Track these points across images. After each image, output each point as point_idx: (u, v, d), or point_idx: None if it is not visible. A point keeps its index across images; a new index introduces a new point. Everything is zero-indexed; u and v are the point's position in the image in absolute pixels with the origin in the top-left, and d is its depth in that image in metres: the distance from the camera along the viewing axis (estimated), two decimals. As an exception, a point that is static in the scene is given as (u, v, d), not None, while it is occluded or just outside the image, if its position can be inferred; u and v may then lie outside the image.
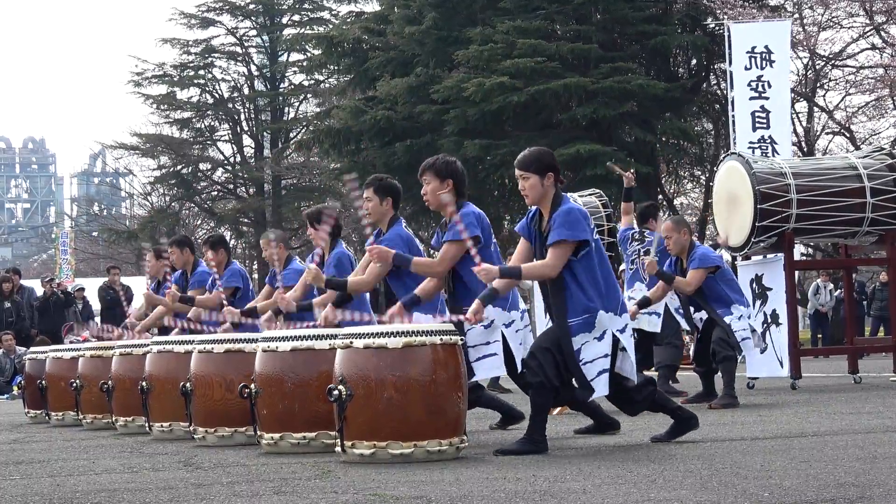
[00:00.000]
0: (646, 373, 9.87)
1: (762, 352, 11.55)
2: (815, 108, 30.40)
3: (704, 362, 10.37)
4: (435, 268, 7.51)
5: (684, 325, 11.50)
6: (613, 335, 6.72)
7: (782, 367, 12.32)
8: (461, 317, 6.94)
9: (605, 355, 6.70)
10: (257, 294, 11.10)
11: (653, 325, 11.71)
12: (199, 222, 47.29)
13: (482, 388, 8.38)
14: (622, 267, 13.33)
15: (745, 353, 10.30)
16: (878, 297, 24.71)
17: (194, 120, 43.02)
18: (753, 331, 10.36)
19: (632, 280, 12.25)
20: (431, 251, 7.75)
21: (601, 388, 6.72)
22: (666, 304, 11.52)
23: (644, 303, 10.78)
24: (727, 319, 10.05)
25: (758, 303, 12.85)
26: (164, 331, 11.53)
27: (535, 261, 6.86)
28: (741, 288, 10.85)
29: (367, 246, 7.68)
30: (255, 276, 38.25)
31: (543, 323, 13.68)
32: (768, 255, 13.02)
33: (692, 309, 10.46)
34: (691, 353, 10.76)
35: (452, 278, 7.54)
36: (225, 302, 9.99)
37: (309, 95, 43.14)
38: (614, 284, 6.83)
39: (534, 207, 6.93)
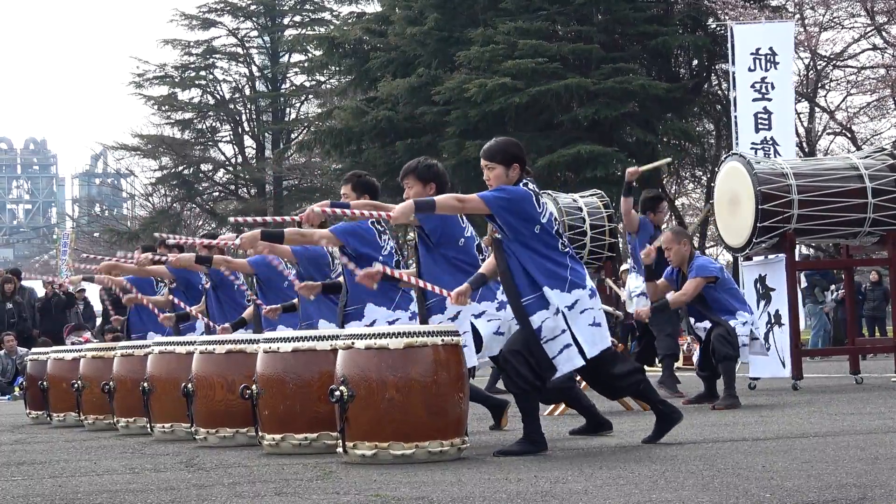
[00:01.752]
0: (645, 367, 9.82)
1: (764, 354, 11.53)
2: (817, 109, 30.40)
3: (708, 367, 10.36)
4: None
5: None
6: (563, 312, 6.65)
7: (784, 367, 12.31)
8: (446, 292, 6.85)
9: (563, 331, 6.64)
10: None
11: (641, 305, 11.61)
12: (200, 223, 47.26)
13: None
14: (623, 267, 13.31)
15: (742, 358, 10.28)
16: (870, 296, 24.69)
17: (195, 121, 43.02)
18: (755, 338, 10.35)
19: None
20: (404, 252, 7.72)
21: (564, 364, 6.66)
22: None
23: (662, 306, 10.55)
24: (731, 323, 10.05)
25: (762, 303, 12.84)
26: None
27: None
28: (743, 296, 10.83)
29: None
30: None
31: None
32: (769, 256, 13.01)
33: (693, 320, 10.42)
34: (694, 356, 10.71)
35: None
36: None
37: (310, 96, 43.13)
38: (562, 263, 6.70)
39: None
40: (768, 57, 19.30)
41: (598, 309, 6.82)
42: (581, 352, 6.70)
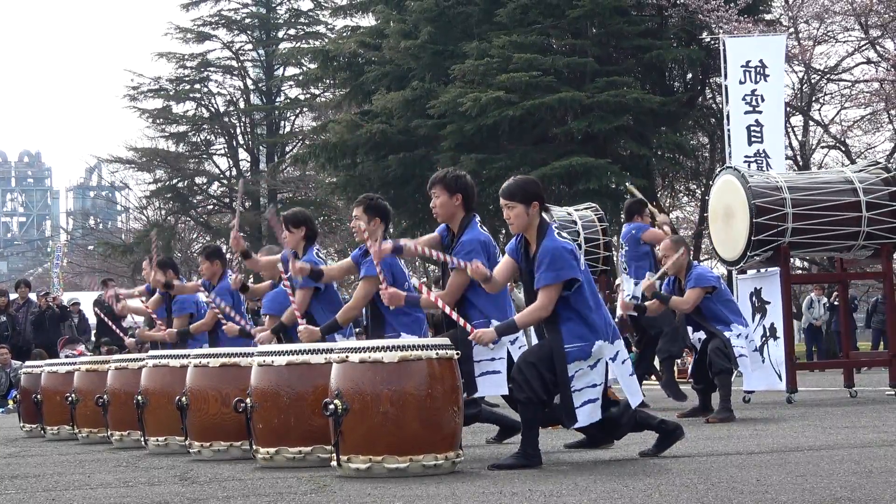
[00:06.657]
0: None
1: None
2: (811, 122, 30.45)
3: (702, 379, 10.38)
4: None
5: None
6: (606, 364, 6.75)
7: (781, 380, 12.32)
8: (471, 329, 6.87)
9: (594, 385, 6.70)
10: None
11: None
12: (194, 236, 47.23)
13: (479, 404, 8.34)
14: (617, 281, 13.36)
15: (740, 368, 10.32)
16: (880, 310, 24.72)
17: (190, 134, 42.99)
18: (755, 350, 10.39)
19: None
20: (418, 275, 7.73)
21: (584, 417, 6.71)
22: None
23: (640, 310, 10.73)
24: (726, 335, 10.08)
25: (757, 316, 12.85)
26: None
27: (525, 297, 6.93)
28: (739, 308, 10.86)
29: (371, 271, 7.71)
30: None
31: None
32: (762, 269, 13.03)
33: (690, 329, 10.46)
34: (689, 369, 10.74)
35: (461, 302, 7.46)
36: (223, 320, 10.18)
37: (305, 109, 43.14)
38: (605, 312, 6.84)
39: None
40: (758, 69, 19.36)
41: (630, 358, 6.95)
42: (609, 402, 6.84)
